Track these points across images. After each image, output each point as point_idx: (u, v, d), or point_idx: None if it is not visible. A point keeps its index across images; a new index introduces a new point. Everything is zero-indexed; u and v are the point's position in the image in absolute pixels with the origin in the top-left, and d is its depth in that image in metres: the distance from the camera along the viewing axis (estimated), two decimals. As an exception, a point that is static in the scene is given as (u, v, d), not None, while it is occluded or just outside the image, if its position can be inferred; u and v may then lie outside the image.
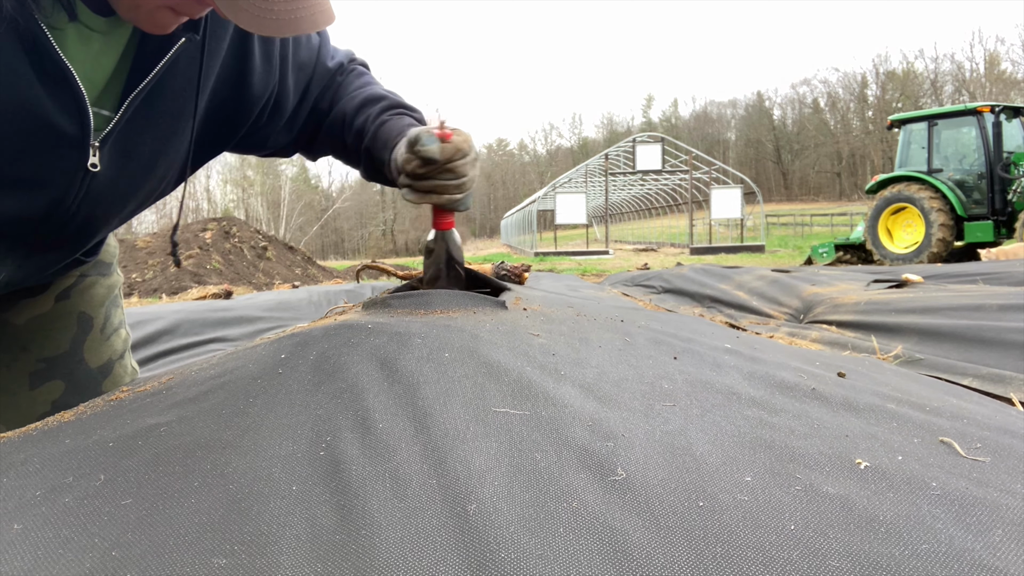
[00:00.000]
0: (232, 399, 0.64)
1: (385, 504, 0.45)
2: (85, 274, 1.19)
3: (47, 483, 0.51)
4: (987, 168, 8.84)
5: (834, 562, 0.40)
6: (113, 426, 0.61)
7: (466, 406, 0.59)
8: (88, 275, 1.19)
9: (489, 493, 0.46)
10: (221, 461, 0.52)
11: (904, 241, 9.45)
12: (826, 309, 2.57)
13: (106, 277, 1.23)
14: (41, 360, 1.14)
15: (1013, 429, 0.66)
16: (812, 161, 59.18)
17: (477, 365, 0.68)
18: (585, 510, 0.45)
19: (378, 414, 0.58)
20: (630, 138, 19.82)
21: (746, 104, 68.42)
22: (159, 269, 8.88)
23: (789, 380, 0.73)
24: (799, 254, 12.77)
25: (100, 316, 1.20)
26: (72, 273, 1.16)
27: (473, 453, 0.52)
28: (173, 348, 2.41)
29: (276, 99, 1.02)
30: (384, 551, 0.41)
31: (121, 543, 0.42)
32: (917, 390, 0.80)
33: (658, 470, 0.50)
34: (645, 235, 29.07)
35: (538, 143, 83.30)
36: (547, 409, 0.59)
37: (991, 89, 48.16)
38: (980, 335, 1.84)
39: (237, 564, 0.40)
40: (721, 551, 0.41)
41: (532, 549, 0.41)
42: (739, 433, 0.58)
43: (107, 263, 1.23)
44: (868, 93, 57.02)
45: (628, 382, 0.68)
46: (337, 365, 0.69)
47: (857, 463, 0.53)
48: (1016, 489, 0.50)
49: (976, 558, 0.41)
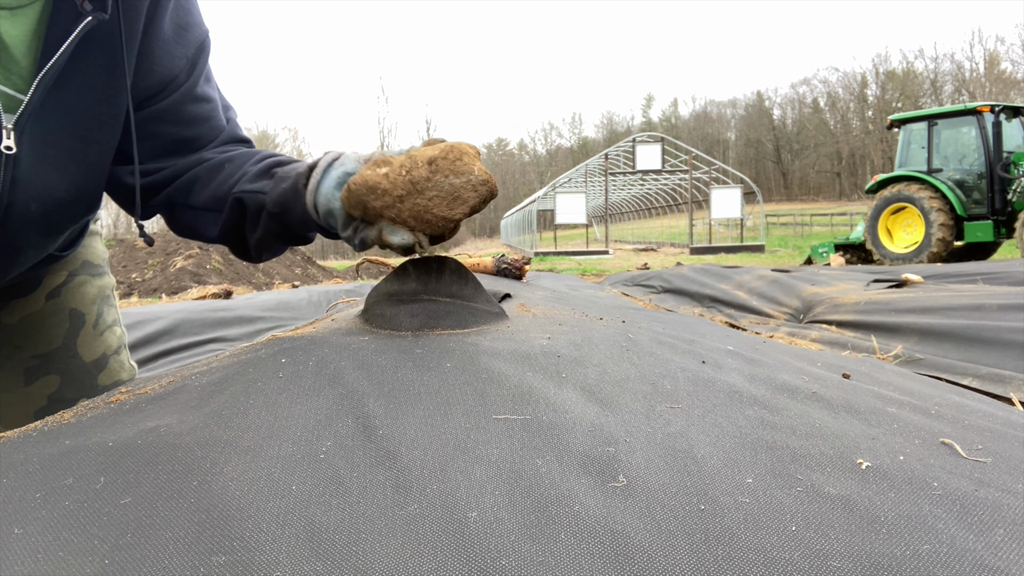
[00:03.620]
0: (232, 401, 0.64)
1: (385, 511, 0.45)
2: (74, 273, 1.19)
3: (47, 484, 0.51)
4: (987, 168, 8.84)
5: (835, 563, 0.40)
6: (113, 428, 0.61)
7: (467, 413, 0.59)
8: (77, 274, 1.19)
9: (490, 501, 0.46)
10: (220, 461, 0.52)
11: (904, 241, 9.45)
12: (826, 309, 2.57)
13: (96, 278, 1.23)
14: (35, 356, 1.14)
15: (1014, 429, 0.66)
16: (812, 161, 59.19)
17: (478, 369, 0.68)
18: (587, 515, 0.45)
19: (379, 419, 0.58)
20: (630, 138, 19.82)
21: (746, 104, 68.44)
22: (159, 269, 8.88)
23: (790, 381, 0.73)
24: (799, 254, 12.78)
25: (92, 313, 1.21)
26: (59, 271, 1.16)
27: (474, 460, 0.52)
28: (173, 348, 2.41)
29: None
30: (384, 556, 0.41)
31: (121, 544, 0.42)
32: (918, 390, 0.80)
33: (660, 474, 0.50)
34: (645, 235, 29.09)
35: (538, 143, 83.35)
36: (548, 414, 0.59)
37: (991, 89, 48.19)
38: (980, 335, 1.84)
39: (236, 561, 0.40)
40: (723, 553, 0.41)
41: (533, 556, 0.41)
42: (740, 434, 0.57)
43: (95, 264, 1.23)
44: (868, 93, 57.03)
45: (630, 382, 0.68)
46: (337, 370, 0.68)
47: (858, 463, 0.53)
48: (1017, 489, 0.50)
49: (978, 558, 0.41)
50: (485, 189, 0.78)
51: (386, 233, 0.79)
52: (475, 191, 0.77)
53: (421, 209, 0.76)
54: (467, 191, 0.77)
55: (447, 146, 0.78)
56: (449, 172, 0.76)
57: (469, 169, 0.76)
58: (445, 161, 0.76)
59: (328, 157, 0.85)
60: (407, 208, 0.76)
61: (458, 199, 0.77)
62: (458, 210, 0.77)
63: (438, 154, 0.77)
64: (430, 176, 0.76)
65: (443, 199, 0.76)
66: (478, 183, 0.77)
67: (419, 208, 0.76)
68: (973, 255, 9.00)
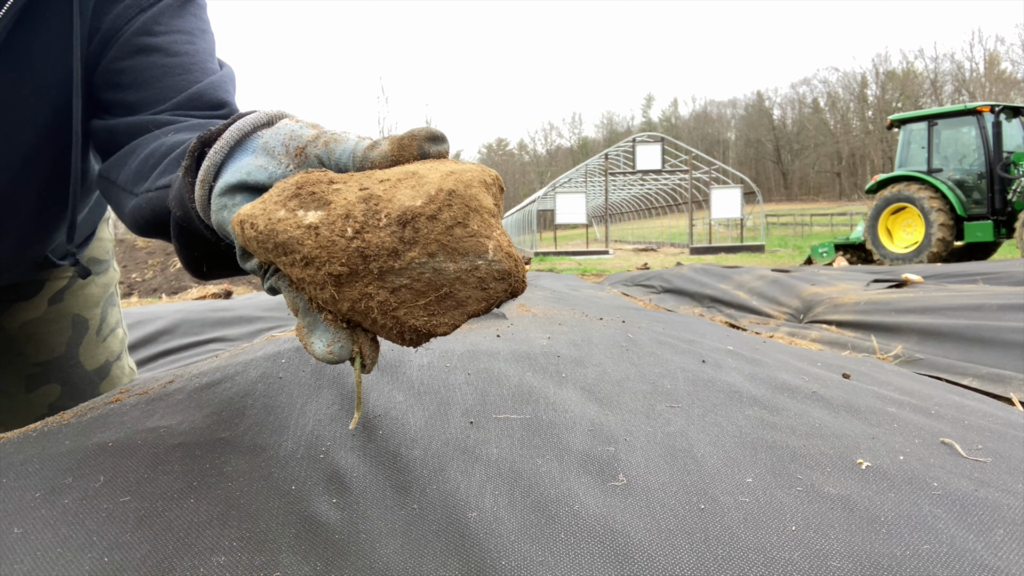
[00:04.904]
0: (232, 401, 0.64)
1: (385, 512, 0.45)
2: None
3: (47, 484, 0.51)
4: (987, 168, 8.85)
5: (835, 562, 0.40)
6: (113, 428, 0.61)
7: (467, 412, 0.59)
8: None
9: (490, 501, 0.46)
10: (220, 461, 0.52)
11: (904, 241, 9.45)
12: (826, 309, 2.57)
13: (101, 275, 1.20)
14: (36, 364, 1.13)
15: (1014, 429, 0.66)
16: (812, 161, 59.24)
17: (478, 369, 0.68)
18: (587, 514, 0.45)
19: (378, 419, 0.58)
20: (630, 138, 19.83)
21: (746, 104, 68.50)
22: (159, 269, 8.89)
23: (790, 380, 0.73)
24: (799, 254, 12.78)
25: (96, 318, 1.19)
26: (63, 274, 1.14)
27: (474, 459, 0.52)
28: (173, 348, 2.41)
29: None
30: (383, 556, 0.41)
31: (121, 543, 0.42)
32: (918, 390, 0.80)
33: (659, 473, 0.50)
34: (645, 235, 29.09)
35: (538, 143, 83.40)
36: (548, 413, 0.59)
37: (991, 89, 48.22)
38: (980, 335, 1.84)
39: (236, 562, 0.40)
40: (723, 553, 0.41)
41: (533, 556, 0.41)
42: (740, 434, 0.57)
43: (100, 260, 1.20)
44: (868, 93, 57.08)
45: (630, 382, 0.68)
46: (337, 371, 0.68)
47: (858, 463, 0.53)
48: (1017, 489, 0.50)
49: (977, 558, 0.41)
50: (503, 286, 0.43)
51: (303, 322, 0.45)
52: (484, 289, 0.42)
53: (375, 307, 0.41)
54: (470, 288, 0.42)
55: (443, 188, 0.41)
56: (440, 247, 0.40)
57: (479, 246, 0.41)
58: (435, 224, 0.40)
59: (230, 136, 0.50)
60: (347, 298, 0.42)
61: (451, 299, 0.42)
62: (447, 319, 0.42)
63: (423, 206, 0.40)
64: (400, 249, 0.40)
65: (421, 296, 0.41)
66: (494, 274, 0.42)
67: (371, 304, 0.41)
68: (973, 255, 9.00)
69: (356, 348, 0.45)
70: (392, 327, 0.42)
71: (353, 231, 0.40)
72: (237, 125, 0.50)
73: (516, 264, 0.43)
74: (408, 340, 0.43)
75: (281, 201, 0.42)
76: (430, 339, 0.44)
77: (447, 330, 0.43)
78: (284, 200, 0.42)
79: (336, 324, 0.45)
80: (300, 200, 0.42)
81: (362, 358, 0.45)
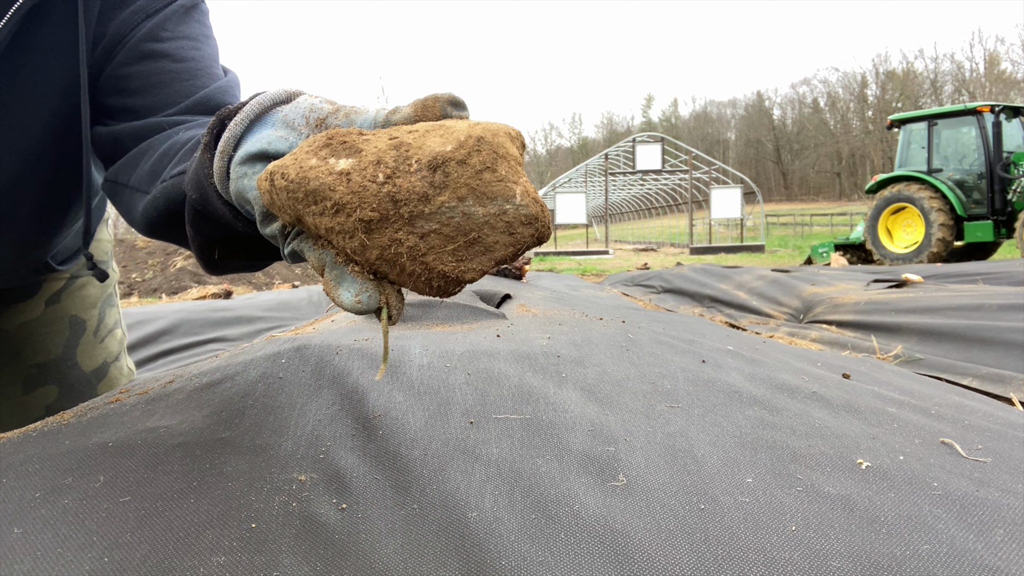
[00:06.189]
0: (232, 401, 0.64)
1: (385, 512, 0.45)
2: (76, 275, 1.15)
3: (47, 484, 0.51)
4: (987, 168, 8.85)
5: (835, 562, 0.40)
6: (113, 428, 0.61)
7: (467, 412, 0.59)
8: (79, 276, 1.15)
9: (490, 501, 0.46)
10: (220, 461, 0.52)
11: (904, 241, 9.45)
12: (826, 309, 2.57)
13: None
14: (33, 365, 1.12)
15: (1014, 429, 0.66)
16: (812, 161, 59.24)
17: (478, 369, 0.68)
18: (587, 514, 0.45)
19: (378, 419, 0.58)
20: (630, 138, 19.82)
21: (746, 104, 68.51)
22: (159, 269, 8.89)
23: (790, 380, 0.73)
24: (799, 254, 12.78)
25: (93, 318, 1.18)
26: (61, 276, 1.13)
27: (474, 460, 0.52)
28: (173, 348, 2.41)
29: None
30: (383, 556, 0.41)
31: (121, 543, 0.42)
32: (918, 390, 0.80)
33: (659, 473, 0.50)
34: (645, 235, 29.09)
35: (538, 143, 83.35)
36: (548, 413, 0.59)
37: (991, 89, 48.23)
38: (980, 335, 1.84)
39: (236, 562, 0.40)
40: (723, 553, 0.41)
41: (533, 556, 0.41)
42: (740, 434, 0.57)
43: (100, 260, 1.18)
44: (868, 93, 57.09)
45: (630, 382, 0.68)
46: (337, 371, 0.68)
47: (858, 463, 0.53)
48: (1017, 489, 0.50)
49: (977, 558, 0.41)
50: (530, 231, 0.43)
51: (330, 276, 0.46)
52: (512, 234, 0.43)
53: (405, 253, 0.42)
54: (498, 232, 0.42)
55: (472, 135, 0.42)
56: (469, 191, 0.41)
57: (507, 191, 0.42)
58: (464, 169, 0.42)
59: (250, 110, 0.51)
60: (376, 245, 0.42)
61: (479, 245, 0.42)
62: (475, 264, 0.43)
63: (453, 151, 0.42)
64: (430, 193, 0.41)
65: (450, 241, 0.42)
66: (521, 219, 0.43)
67: (400, 251, 0.42)
68: (973, 255, 9.01)
69: (383, 298, 0.46)
70: (421, 274, 0.43)
71: (384, 176, 0.42)
72: (257, 99, 0.51)
73: (542, 209, 0.44)
74: (436, 288, 0.44)
75: (312, 151, 0.44)
76: (459, 286, 0.44)
77: (475, 276, 0.44)
78: (315, 150, 0.44)
79: (363, 275, 0.45)
80: (331, 149, 0.43)
81: (388, 308, 0.46)
